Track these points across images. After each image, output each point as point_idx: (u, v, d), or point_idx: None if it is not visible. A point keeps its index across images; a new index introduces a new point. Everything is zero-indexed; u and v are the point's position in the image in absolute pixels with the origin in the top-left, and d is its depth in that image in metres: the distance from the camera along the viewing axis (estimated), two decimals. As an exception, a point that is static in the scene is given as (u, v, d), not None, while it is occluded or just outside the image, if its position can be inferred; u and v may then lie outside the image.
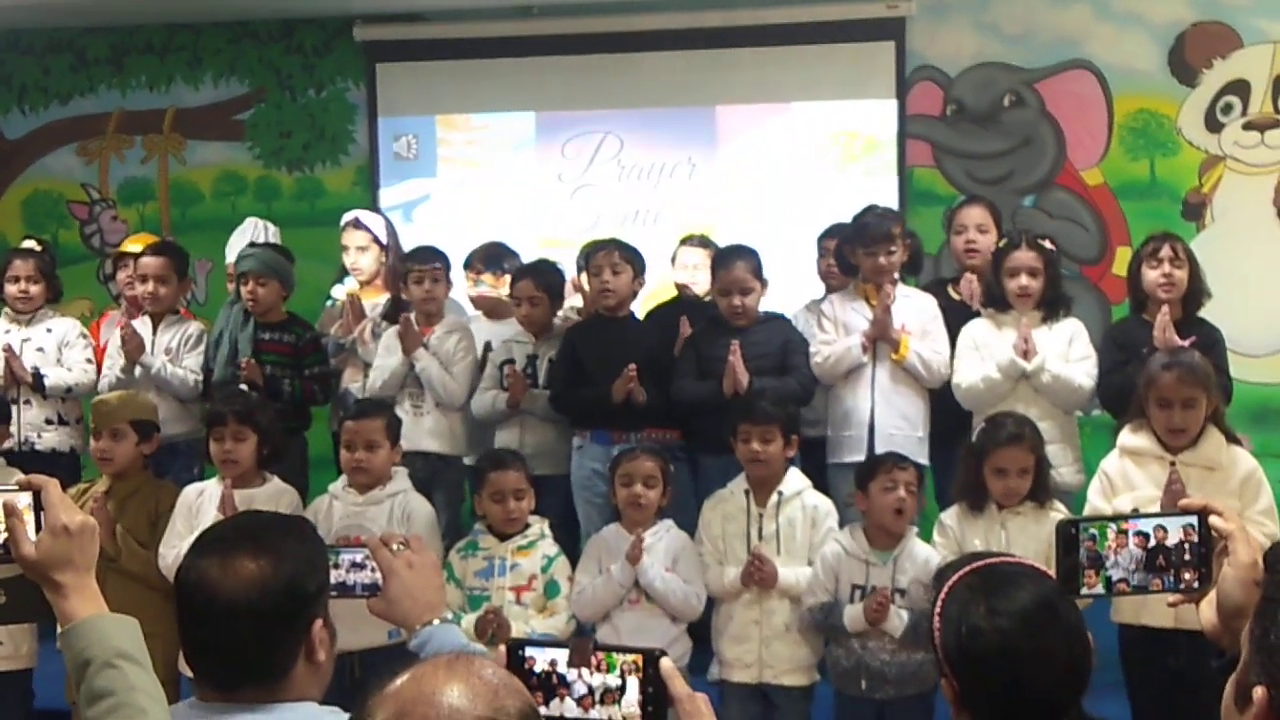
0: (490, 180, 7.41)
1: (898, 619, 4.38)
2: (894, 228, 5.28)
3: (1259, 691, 1.26)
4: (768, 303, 5.37)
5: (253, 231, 6.20)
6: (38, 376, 5.83)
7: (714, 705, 1.73)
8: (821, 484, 5.00)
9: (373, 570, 2.31)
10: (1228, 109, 6.76)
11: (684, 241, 6.00)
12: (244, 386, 5.43)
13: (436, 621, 2.22)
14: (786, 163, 7.13)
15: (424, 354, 5.52)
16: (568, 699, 1.68)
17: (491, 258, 6.10)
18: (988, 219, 5.60)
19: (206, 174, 7.72)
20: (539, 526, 4.77)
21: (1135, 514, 2.08)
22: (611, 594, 4.64)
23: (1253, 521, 4.18)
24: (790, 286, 5.94)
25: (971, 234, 5.56)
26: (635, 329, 5.54)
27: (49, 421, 5.93)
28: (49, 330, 6.01)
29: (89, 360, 5.97)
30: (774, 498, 4.68)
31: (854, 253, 5.33)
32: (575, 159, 7.33)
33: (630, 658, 1.68)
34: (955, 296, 5.50)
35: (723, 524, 4.74)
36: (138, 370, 5.69)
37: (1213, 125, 6.78)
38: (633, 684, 1.66)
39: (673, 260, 5.97)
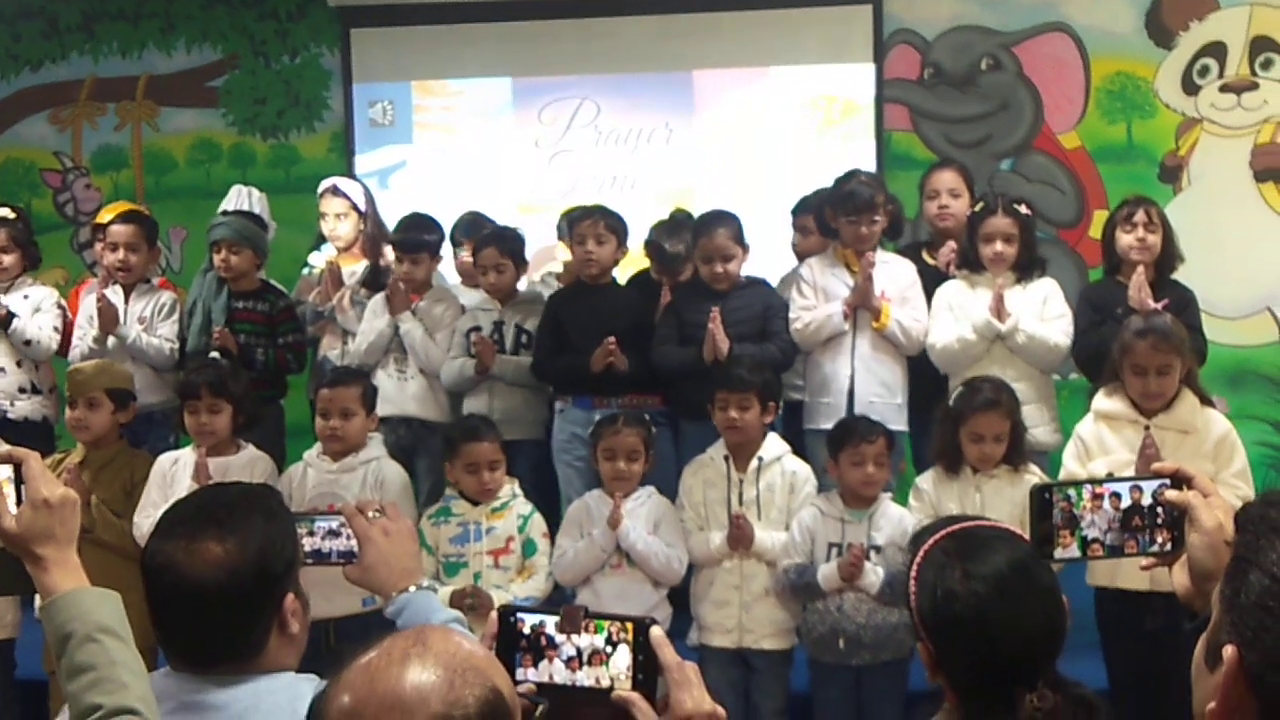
0: (467, 146, 7.38)
1: (873, 575, 4.41)
2: (878, 196, 5.25)
3: (1229, 650, 1.26)
4: (745, 266, 5.36)
5: (237, 199, 6.16)
6: (9, 314, 5.79)
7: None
8: (802, 448, 5.02)
9: (348, 538, 2.30)
10: (1204, 71, 6.76)
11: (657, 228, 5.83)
12: (216, 355, 5.41)
13: (413, 588, 2.21)
14: (764, 127, 7.11)
15: (409, 318, 5.53)
16: (556, 660, 1.68)
17: (473, 228, 6.10)
18: (960, 183, 5.60)
19: (180, 141, 7.66)
20: (509, 487, 4.77)
21: (1110, 478, 2.08)
22: (593, 558, 4.66)
23: (1226, 484, 4.21)
24: (768, 251, 5.92)
25: (944, 199, 5.57)
26: (617, 296, 5.53)
27: (22, 390, 5.89)
28: (26, 297, 5.96)
29: (56, 329, 5.92)
30: (754, 463, 4.70)
31: (835, 218, 5.31)
32: (552, 124, 7.29)
33: (620, 624, 1.68)
34: (930, 261, 5.50)
35: (704, 490, 4.75)
36: (111, 341, 5.66)
37: (1189, 88, 6.79)
38: (622, 650, 1.66)
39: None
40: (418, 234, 5.69)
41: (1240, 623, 1.27)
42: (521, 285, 5.77)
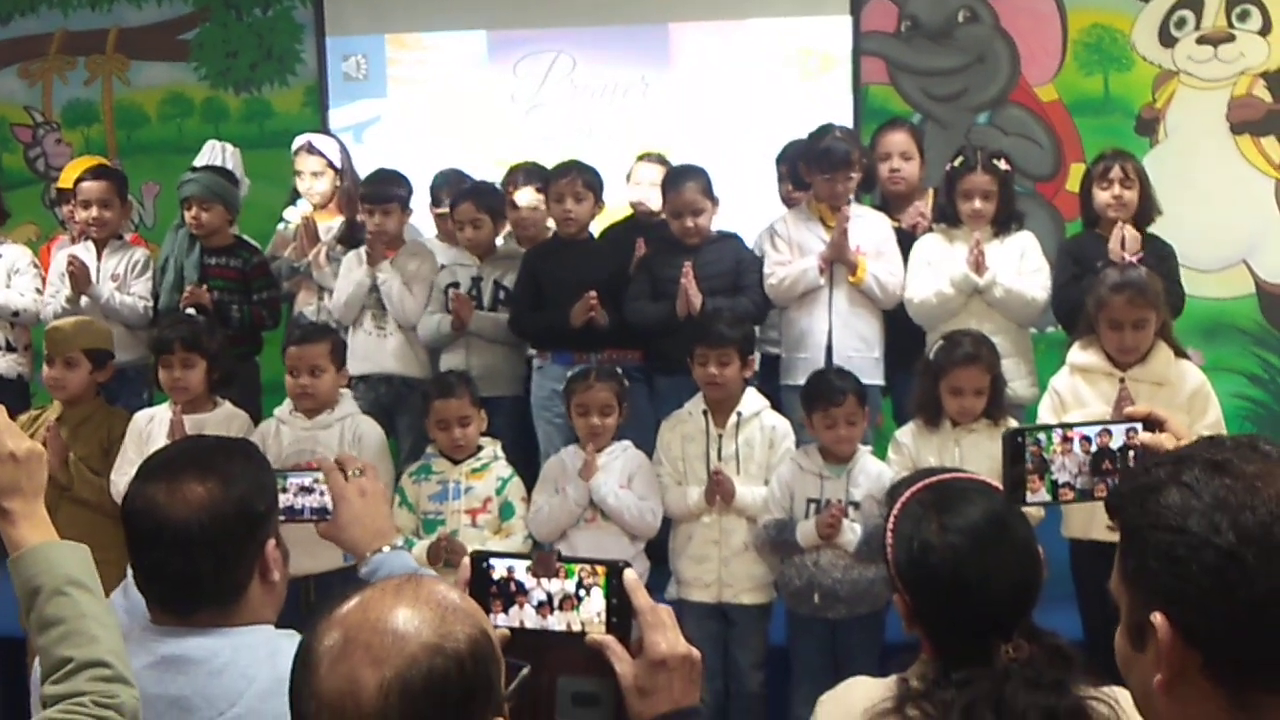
0: (442, 101, 7.32)
1: (850, 533, 4.42)
2: (853, 152, 5.22)
3: (1158, 617, 1.28)
4: (723, 221, 5.34)
5: (210, 154, 6.11)
6: None
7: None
8: (778, 403, 5.02)
9: (320, 494, 2.30)
10: (1181, 23, 6.74)
11: (640, 158, 5.94)
12: (192, 312, 5.38)
13: (387, 549, 2.22)
14: (740, 81, 7.07)
15: (387, 268, 5.49)
16: (526, 606, 1.68)
17: (453, 184, 6.06)
18: (911, 145, 5.57)
19: (152, 95, 7.58)
20: (491, 448, 4.78)
21: (1081, 423, 2.08)
22: (567, 513, 4.66)
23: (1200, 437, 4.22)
24: (746, 205, 5.91)
25: (895, 161, 5.53)
26: (594, 251, 5.50)
27: (-3, 347, 5.87)
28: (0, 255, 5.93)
29: (38, 290, 5.88)
30: (733, 418, 4.69)
31: (810, 173, 5.29)
32: (528, 78, 7.25)
33: (591, 567, 1.67)
34: (893, 223, 5.44)
35: (682, 444, 4.75)
36: (84, 300, 5.61)
37: (1166, 40, 6.77)
38: (595, 594, 1.66)
39: (628, 177, 5.92)
40: (385, 186, 5.64)
41: (1157, 587, 1.29)
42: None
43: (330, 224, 5.89)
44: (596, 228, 5.65)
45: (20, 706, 2.03)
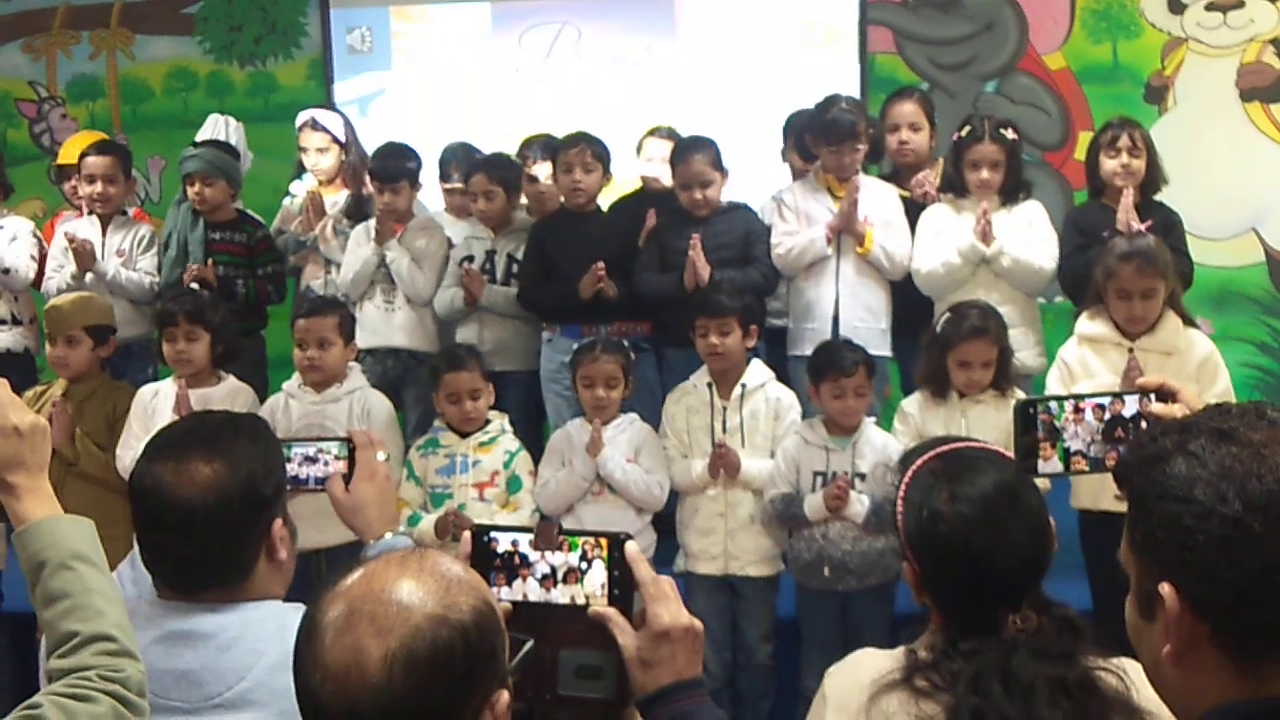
0: (446, 73, 7.29)
1: (858, 504, 4.41)
2: (860, 124, 5.19)
3: (1165, 587, 1.27)
4: (731, 192, 5.32)
5: (213, 129, 6.09)
6: None
7: (680, 595, 1.73)
8: (786, 375, 5.01)
9: (325, 465, 2.30)
10: (1190, -10, 6.71)
11: (650, 133, 5.91)
12: (195, 287, 5.37)
13: (389, 535, 2.22)
14: (747, 51, 7.03)
15: (396, 245, 5.48)
16: (530, 579, 1.68)
17: (462, 158, 6.04)
18: (920, 115, 5.53)
19: (156, 70, 7.56)
20: (499, 422, 4.77)
21: (1093, 394, 2.06)
22: (574, 487, 4.66)
23: (1210, 405, 4.21)
24: (752, 175, 5.89)
25: (904, 133, 5.49)
26: (603, 223, 5.48)
27: (2, 321, 5.86)
28: (1, 227, 5.92)
29: (32, 257, 5.86)
30: (737, 390, 4.69)
31: (817, 145, 5.26)
32: (533, 50, 7.21)
33: (594, 540, 1.67)
34: (902, 193, 5.42)
35: (687, 417, 4.74)
36: (89, 277, 5.61)
37: (1175, 7, 6.73)
38: (598, 566, 1.66)
39: (638, 151, 5.89)
40: (395, 162, 5.62)
41: (1164, 558, 1.28)
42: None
43: (336, 197, 5.88)
44: (604, 200, 5.63)
45: (32, 681, 2.02)
